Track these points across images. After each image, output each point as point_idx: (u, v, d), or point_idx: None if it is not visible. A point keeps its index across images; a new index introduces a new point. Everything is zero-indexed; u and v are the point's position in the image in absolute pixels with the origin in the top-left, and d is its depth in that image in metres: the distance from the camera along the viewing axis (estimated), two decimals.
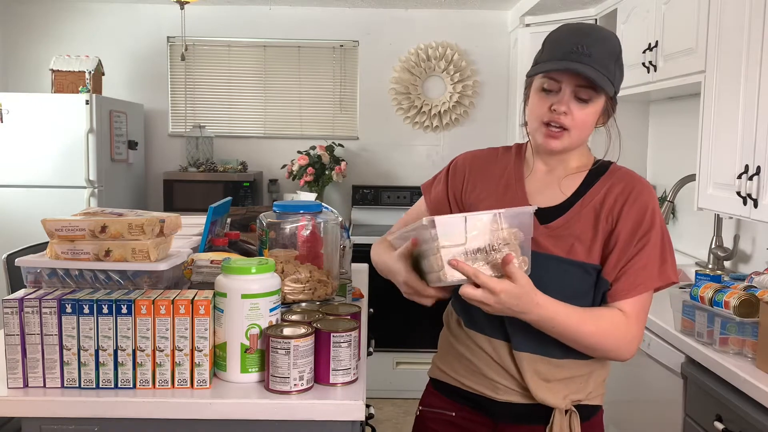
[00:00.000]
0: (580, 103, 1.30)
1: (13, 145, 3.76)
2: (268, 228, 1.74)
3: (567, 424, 1.34)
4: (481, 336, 1.38)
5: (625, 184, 1.36)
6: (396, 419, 3.73)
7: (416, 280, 1.26)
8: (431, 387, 1.53)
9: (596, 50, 1.28)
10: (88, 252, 1.50)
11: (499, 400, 1.37)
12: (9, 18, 4.51)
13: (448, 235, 1.17)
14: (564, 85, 1.30)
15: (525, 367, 1.33)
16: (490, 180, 1.45)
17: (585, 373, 1.37)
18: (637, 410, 2.38)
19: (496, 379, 1.37)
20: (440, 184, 1.52)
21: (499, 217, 1.19)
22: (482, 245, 1.19)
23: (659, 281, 1.32)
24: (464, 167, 1.50)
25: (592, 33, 1.31)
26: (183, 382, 1.36)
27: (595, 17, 3.67)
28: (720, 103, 2.29)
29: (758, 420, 1.59)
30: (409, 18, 4.59)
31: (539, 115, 1.34)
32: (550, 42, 1.35)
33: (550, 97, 1.32)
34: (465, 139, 4.58)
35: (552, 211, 1.36)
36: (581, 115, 1.31)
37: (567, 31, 1.33)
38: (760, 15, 2.03)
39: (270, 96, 4.65)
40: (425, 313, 1.94)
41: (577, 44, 1.28)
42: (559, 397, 1.34)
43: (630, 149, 3.74)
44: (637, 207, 1.33)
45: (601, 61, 1.28)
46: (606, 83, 1.28)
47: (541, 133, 1.34)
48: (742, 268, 2.77)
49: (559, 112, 1.30)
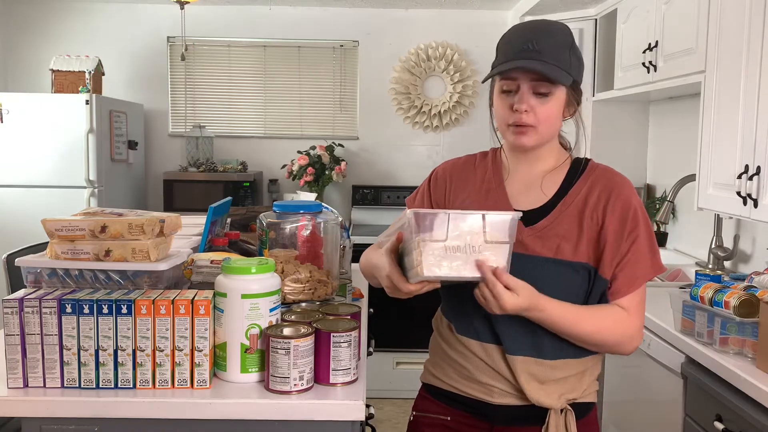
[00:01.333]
0: (540, 98, 1.32)
1: (13, 145, 3.76)
2: (268, 228, 1.74)
3: (563, 423, 1.34)
4: (474, 342, 1.38)
5: (606, 181, 1.38)
6: (396, 419, 3.73)
7: (398, 275, 1.26)
8: (424, 392, 1.52)
9: (546, 44, 1.30)
10: (88, 252, 1.50)
11: (494, 404, 1.37)
12: (9, 18, 4.51)
13: (429, 230, 1.18)
14: (521, 83, 1.32)
15: (519, 370, 1.34)
16: (472, 187, 1.46)
17: (579, 372, 1.38)
18: (637, 410, 2.38)
19: (490, 383, 1.37)
20: (423, 196, 1.53)
21: (483, 219, 1.20)
22: (462, 244, 1.19)
23: (653, 272, 1.35)
24: (445, 177, 1.50)
25: (540, 28, 1.34)
26: (183, 382, 1.36)
27: (595, 17, 3.68)
28: (720, 103, 2.29)
29: (758, 420, 1.59)
30: (409, 18, 4.59)
31: (503, 117, 1.36)
32: (501, 44, 1.37)
33: (510, 98, 1.34)
34: (465, 139, 4.59)
35: (535, 212, 1.37)
36: (543, 110, 1.33)
37: (516, 31, 1.36)
38: (760, 15, 2.03)
39: (270, 96, 4.65)
40: (425, 313, 1.93)
41: (527, 41, 1.30)
42: (554, 397, 1.35)
43: (630, 149, 3.75)
44: (621, 204, 1.35)
45: (552, 54, 1.30)
46: (560, 74, 1.30)
47: (510, 133, 1.37)
48: (742, 268, 2.77)
49: (521, 111, 1.32)
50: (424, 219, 1.18)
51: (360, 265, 1.55)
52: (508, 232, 1.20)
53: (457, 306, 1.41)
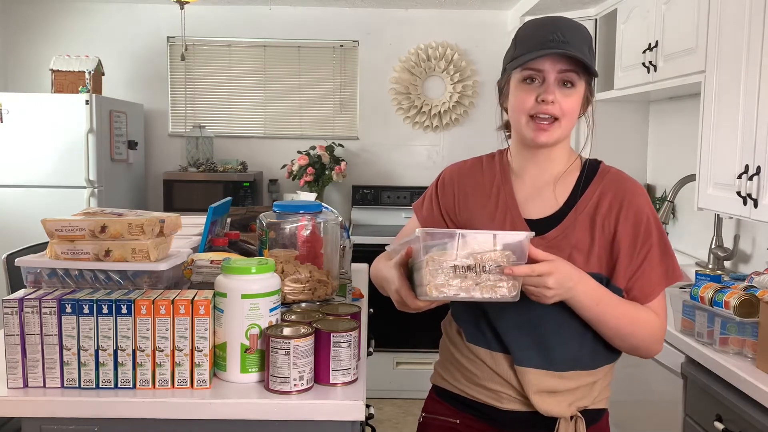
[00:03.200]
0: (565, 90, 1.29)
1: (13, 145, 3.76)
2: (268, 228, 1.74)
3: (573, 430, 1.32)
4: (483, 350, 1.36)
5: (617, 187, 1.35)
6: (396, 419, 3.73)
7: (407, 290, 1.24)
8: (434, 394, 1.51)
9: (573, 37, 1.27)
10: (88, 252, 1.50)
11: (503, 409, 1.36)
12: (9, 18, 4.51)
13: (439, 250, 1.16)
14: (547, 74, 1.28)
15: (527, 381, 1.31)
16: (481, 191, 1.43)
17: (590, 381, 1.36)
18: (637, 410, 2.37)
19: (498, 390, 1.35)
20: (431, 202, 1.49)
21: (494, 238, 1.18)
22: (473, 263, 1.17)
23: (667, 282, 1.33)
24: (452, 182, 1.47)
25: (563, 22, 1.31)
26: (183, 382, 1.36)
27: (595, 17, 3.67)
28: (720, 103, 2.28)
29: (758, 420, 1.59)
30: (409, 18, 4.59)
31: (526, 108, 1.30)
32: (522, 37, 1.33)
33: (533, 88, 1.29)
34: (465, 139, 4.59)
35: (547, 221, 1.34)
36: (568, 102, 1.29)
37: (539, 24, 1.32)
38: (760, 15, 2.03)
39: (270, 96, 4.65)
40: (425, 314, 1.93)
41: (553, 32, 1.27)
42: (564, 405, 1.32)
43: (630, 149, 3.75)
44: (634, 211, 1.32)
45: (580, 48, 1.28)
46: (590, 63, 1.28)
47: (530, 128, 1.31)
48: (742, 268, 2.77)
49: (548, 101, 1.27)
50: (433, 238, 1.16)
51: (370, 274, 1.54)
52: (520, 253, 1.18)
53: (468, 313, 1.39)
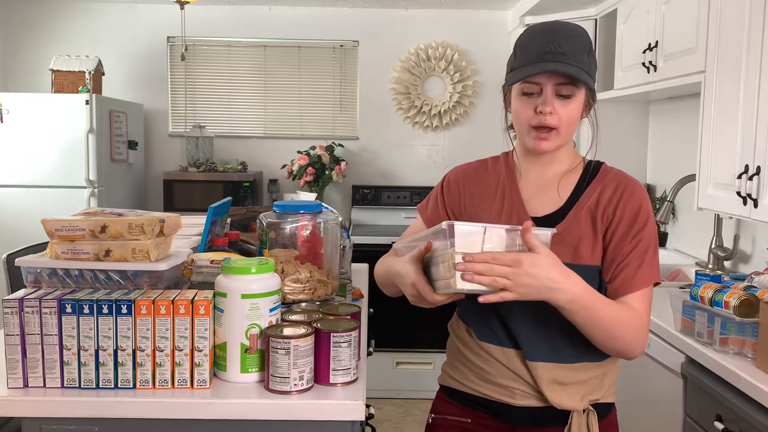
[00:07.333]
0: (562, 100, 1.31)
1: (13, 145, 3.76)
2: (268, 228, 1.74)
3: (585, 423, 1.33)
4: (495, 347, 1.37)
5: (617, 183, 1.37)
6: (396, 419, 3.73)
7: (425, 284, 1.24)
8: (443, 394, 1.50)
9: (568, 46, 1.28)
10: (88, 252, 1.50)
11: (516, 405, 1.36)
12: (9, 18, 4.51)
13: (465, 243, 1.16)
14: (544, 86, 1.30)
15: (540, 375, 1.32)
16: (487, 191, 1.45)
17: (600, 374, 1.37)
18: (637, 410, 2.37)
19: (511, 386, 1.36)
20: (436, 203, 1.51)
21: (517, 233, 1.19)
22: None
23: (657, 277, 1.33)
24: (458, 183, 1.49)
25: (560, 29, 1.32)
26: (183, 382, 1.36)
27: (595, 17, 3.68)
28: (720, 103, 2.29)
29: (758, 420, 1.59)
30: (409, 18, 4.59)
31: (526, 119, 1.34)
32: (521, 46, 1.35)
33: (532, 100, 1.32)
34: (465, 139, 4.59)
35: (551, 217, 1.37)
36: (566, 112, 1.32)
37: (535, 33, 1.34)
38: (760, 15, 2.03)
39: (270, 96, 4.65)
40: (425, 314, 1.93)
41: (549, 43, 1.28)
42: (577, 399, 1.34)
43: (630, 149, 3.75)
44: (631, 205, 1.34)
45: (575, 56, 1.28)
46: (585, 76, 1.29)
47: (531, 137, 1.35)
48: (742, 268, 2.77)
49: (545, 113, 1.30)
50: (460, 231, 1.16)
51: (376, 271, 1.53)
52: None
53: (477, 312, 1.40)
